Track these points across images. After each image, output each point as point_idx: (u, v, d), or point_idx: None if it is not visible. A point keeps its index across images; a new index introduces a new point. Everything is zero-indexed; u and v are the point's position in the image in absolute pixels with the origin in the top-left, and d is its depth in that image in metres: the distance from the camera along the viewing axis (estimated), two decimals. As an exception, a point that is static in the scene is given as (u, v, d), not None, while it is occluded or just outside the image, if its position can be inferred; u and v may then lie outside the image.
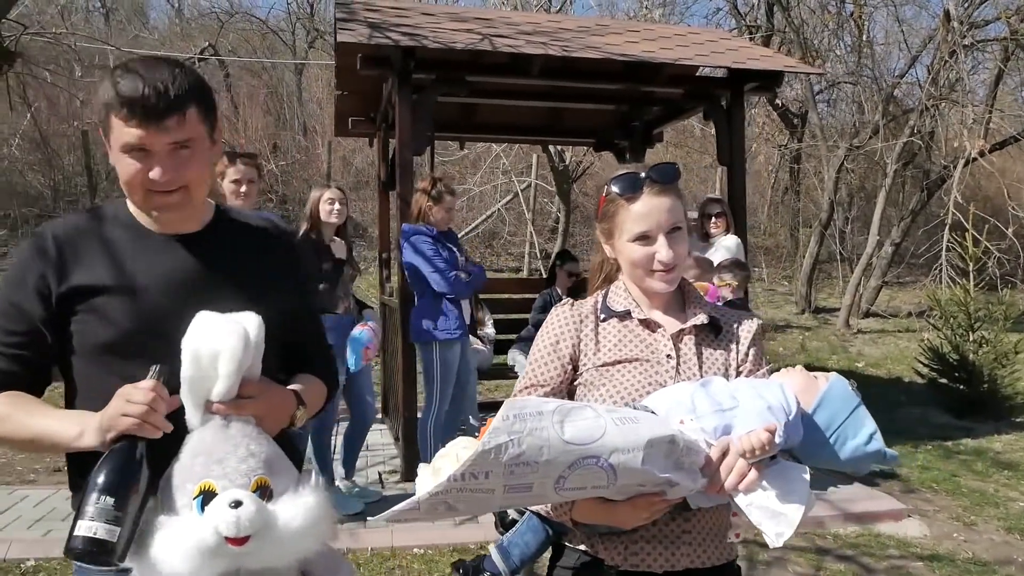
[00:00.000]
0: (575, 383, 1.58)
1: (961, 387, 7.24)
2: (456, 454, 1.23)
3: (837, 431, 1.45)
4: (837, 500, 4.76)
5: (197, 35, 19.98)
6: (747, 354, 1.62)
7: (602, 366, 1.55)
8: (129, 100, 1.34)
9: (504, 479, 1.19)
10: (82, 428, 1.34)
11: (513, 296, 7.39)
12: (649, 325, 1.59)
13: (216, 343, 1.32)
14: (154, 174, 1.39)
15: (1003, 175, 12.45)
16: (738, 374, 1.59)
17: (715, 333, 1.61)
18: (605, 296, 1.64)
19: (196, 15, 22.85)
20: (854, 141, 12.90)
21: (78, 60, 13.85)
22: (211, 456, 1.31)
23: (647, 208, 1.52)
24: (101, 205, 1.62)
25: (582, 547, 1.55)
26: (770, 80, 5.60)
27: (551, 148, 11.02)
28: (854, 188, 15.33)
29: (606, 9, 17.03)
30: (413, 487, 1.28)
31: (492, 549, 1.51)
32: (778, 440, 1.37)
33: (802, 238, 15.41)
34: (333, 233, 4.51)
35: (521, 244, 15.20)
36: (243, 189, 4.05)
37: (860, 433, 1.45)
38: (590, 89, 6.05)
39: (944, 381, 7.42)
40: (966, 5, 11.68)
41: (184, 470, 1.31)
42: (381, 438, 6.14)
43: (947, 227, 9.94)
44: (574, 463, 1.22)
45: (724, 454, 1.37)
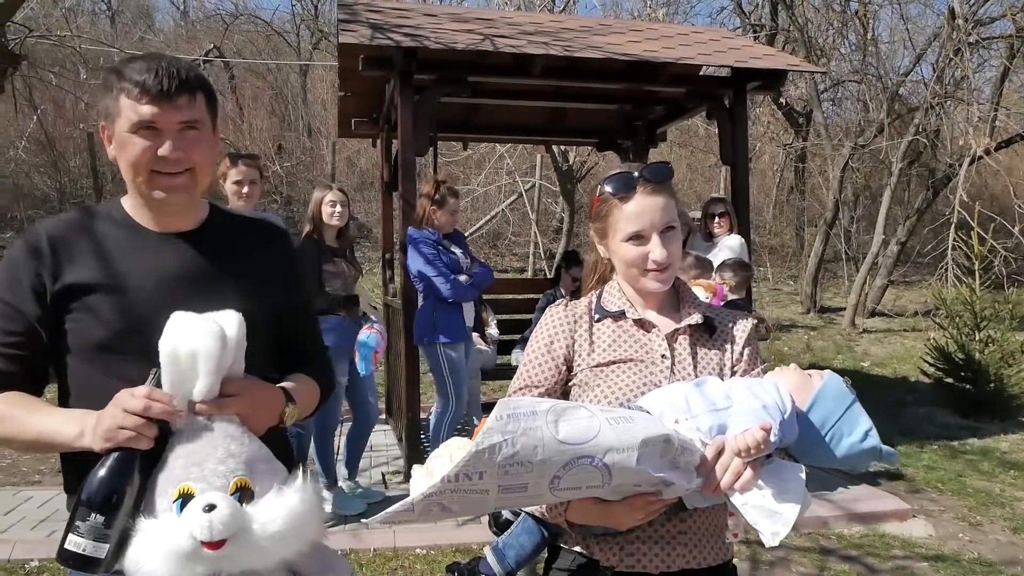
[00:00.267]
0: (569, 384, 1.58)
1: (967, 386, 7.21)
2: (450, 455, 1.22)
3: (832, 429, 1.44)
4: (841, 500, 4.75)
5: (202, 37, 20.06)
6: (742, 353, 1.61)
7: (596, 366, 1.54)
8: (143, 79, 1.39)
9: (498, 479, 1.18)
10: (82, 428, 1.33)
11: (517, 296, 7.39)
12: (644, 325, 1.58)
13: (192, 343, 1.30)
14: (164, 150, 1.41)
15: (1009, 173, 12.39)
16: (733, 374, 1.58)
17: (710, 333, 1.60)
18: (599, 296, 1.64)
19: (201, 17, 22.98)
20: (859, 140, 12.85)
21: (83, 63, 13.89)
22: (191, 458, 1.29)
23: (640, 207, 1.52)
24: (95, 204, 1.63)
25: (577, 548, 1.54)
26: (773, 79, 5.58)
27: (555, 148, 11.00)
28: (859, 187, 15.29)
29: (610, 9, 17.04)
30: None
31: (487, 551, 1.50)
32: (773, 438, 1.36)
33: (807, 237, 15.38)
34: (335, 235, 4.51)
35: (525, 244, 15.19)
36: (245, 190, 4.06)
37: (855, 430, 1.44)
38: (593, 89, 6.04)
39: (950, 380, 7.39)
40: (971, 2, 11.63)
41: (165, 473, 1.30)
42: (384, 439, 6.15)
43: (953, 226, 9.88)
44: (568, 463, 1.21)
45: (719, 453, 1.36)
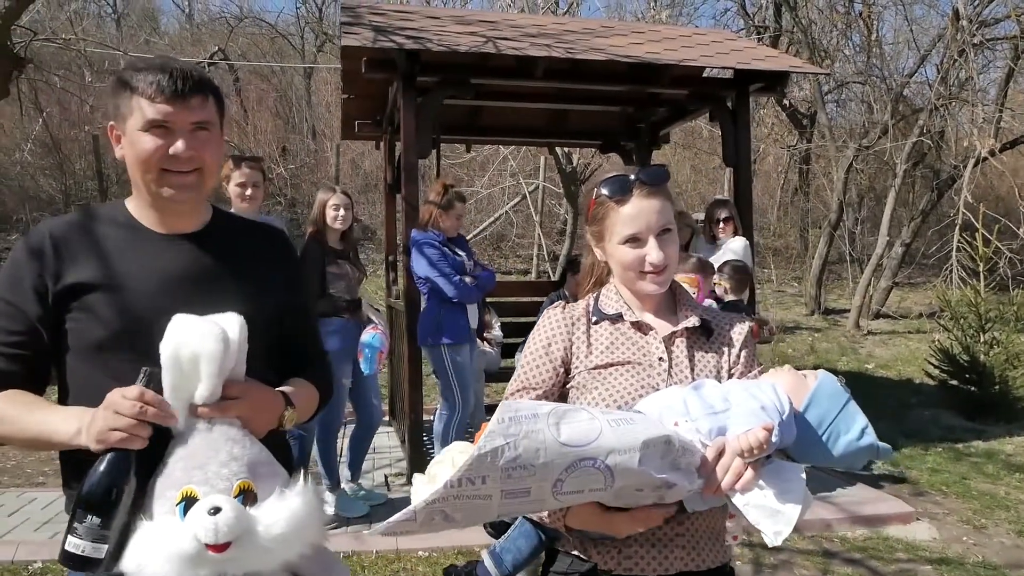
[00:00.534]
0: (567, 386, 1.57)
1: (972, 389, 7.18)
2: (452, 459, 1.22)
3: (829, 428, 1.45)
4: (845, 502, 4.74)
5: (207, 39, 20.09)
6: (739, 356, 1.61)
7: (594, 369, 1.54)
8: (157, 79, 1.41)
9: (501, 484, 1.18)
10: (79, 426, 1.34)
11: (521, 299, 7.38)
12: (641, 328, 1.58)
13: (195, 346, 1.31)
14: (175, 148, 1.43)
15: (1014, 175, 12.33)
16: (730, 376, 1.58)
17: (707, 335, 1.61)
18: (596, 299, 1.64)
19: (206, 20, 23.04)
20: (863, 141, 12.82)
21: (88, 66, 13.94)
22: (193, 461, 1.30)
23: (636, 210, 1.52)
24: (98, 204, 1.64)
25: (575, 552, 1.54)
26: (776, 81, 5.57)
27: (558, 150, 11.01)
28: (864, 188, 15.24)
29: (614, 11, 17.04)
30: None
31: (484, 555, 1.50)
32: (774, 439, 1.36)
33: (811, 239, 15.33)
34: (339, 237, 4.52)
35: (529, 246, 15.19)
36: (248, 192, 4.07)
37: (852, 429, 1.45)
38: (595, 91, 6.04)
39: (955, 383, 7.36)
40: (975, 3, 11.59)
41: (167, 475, 1.30)
42: (388, 441, 6.16)
43: (957, 227, 9.86)
44: (571, 465, 1.21)
45: (720, 454, 1.36)
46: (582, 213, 1.70)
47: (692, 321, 1.59)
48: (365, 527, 4.29)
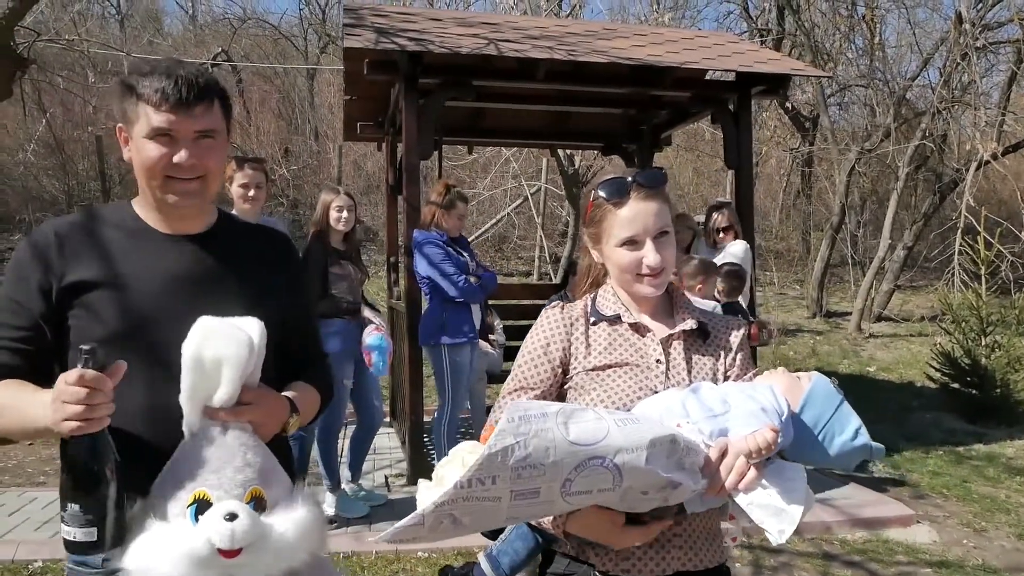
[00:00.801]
0: (565, 387, 1.57)
1: (973, 392, 7.18)
2: (462, 459, 1.21)
3: (824, 428, 1.46)
4: (845, 505, 4.73)
5: (210, 41, 20.12)
6: (735, 359, 1.62)
7: (592, 370, 1.54)
8: (162, 87, 1.41)
9: (511, 484, 1.17)
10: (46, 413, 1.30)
11: (524, 302, 7.36)
12: (638, 329, 1.59)
13: (220, 349, 1.31)
14: (179, 157, 1.43)
15: (1016, 178, 12.30)
16: (726, 378, 1.59)
17: (703, 338, 1.61)
18: (594, 300, 1.64)
19: (209, 21, 23.08)
20: (866, 144, 12.81)
21: (92, 67, 13.98)
22: (207, 464, 1.30)
23: (634, 213, 1.52)
24: (104, 204, 1.65)
25: (572, 553, 1.54)
26: (777, 83, 5.58)
27: (560, 152, 11.01)
28: (866, 191, 15.24)
29: (616, 14, 17.06)
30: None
31: (481, 558, 1.50)
32: (780, 439, 1.37)
33: (814, 242, 15.33)
34: (341, 238, 4.52)
35: (531, 248, 15.19)
36: (251, 193, 4.07)
37: (846, 429, 1.46)
38: (597, 93, 6.05)
39: (956, 386, 7.36)
40: (979, 7, 11.60)
41: (178, 477, 1.31)
42: (389, 442, 6.16)
43: (959, 230, 9.85)
44: (580, 464, 1.21)
45: (722, 455, 1.37)
46: (582, 215, 1.70)
47: (689, 324, 1.59)
48: (365, 528, 4.29)
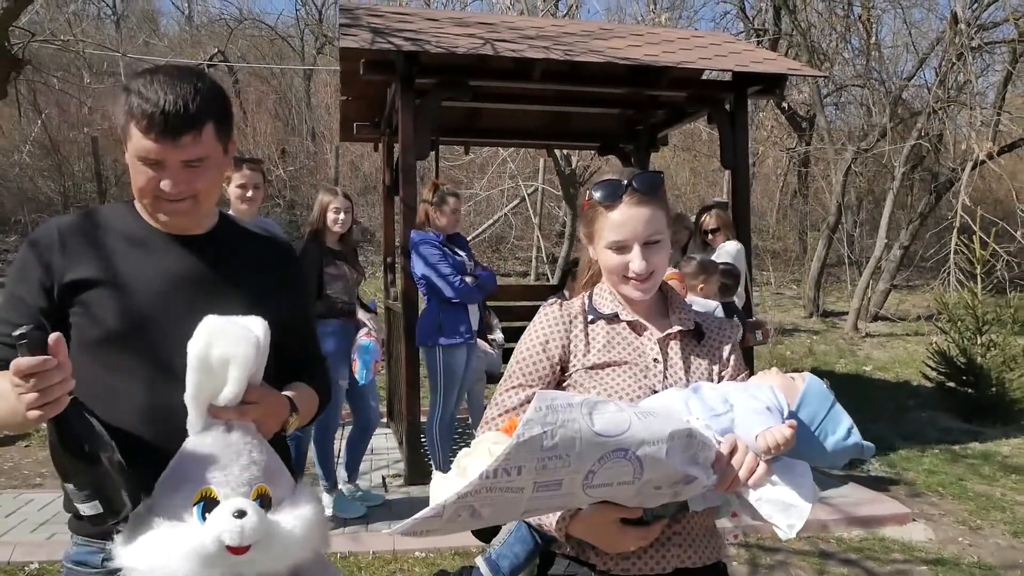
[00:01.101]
0: (564, 384, 1.57)
1: (969, 391, 7.20)
2: (488, 449, 1.20)
3: (819, 428, 1.48)
4: (841, 503, 4.74)
5: (207, 41, 20.09)
6: (728, 360, 1.62)
7: (591, 368, 1.54)
8: (150, 114, 1.37)
9: (535, 475, 1.17)
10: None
11: (523, 303, 7.34)
12: (636, 328, 1.59)
13: (227, 349, 1.32)
14: (165, 185, 1.43)
15: (1012, 177, 12.34)
16: (720, 380, 1.59)
17: (698, 339, 1.62)
18: (590, 297, 1.64)
19: (205, 21, 23.04)
20: (862, 144, 12.83)
21: (88, 67, 13.95)
22: (213, 463, 1.31)
23: (624, 217, 1.52)
24: (107, 204, 1.65)
25: (571, 554, 1.53)
26: (774, 83, 5.59)
27: (557, 152, 11.02)
28: (862, 191, 15.27)
29: (613, 14, 17.07)
30: (416, 491, 1.26)
31: (479, 561, 1.49)
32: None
33: (810, 241, 15.35)
34: (337, 239, 4.52)
35: (528, 248, 15.19)
36: (248, 194, 4.07)
37: (839, 429, 1.48)
38: (594, 93, 6.06)
39: (952, 385, 7.38)
40: (974, 7, 11.62)
41: (183, 475, 1.32)
42: (386, 442, 6.16)
43: (955, 230, 9.87)
44: (604, 456, 1.20)
45: (733, 450, 1.37)
46: (578, 212, 1.70)
47: (687, 324, 1.60)
48: (362, 528, 4.29)
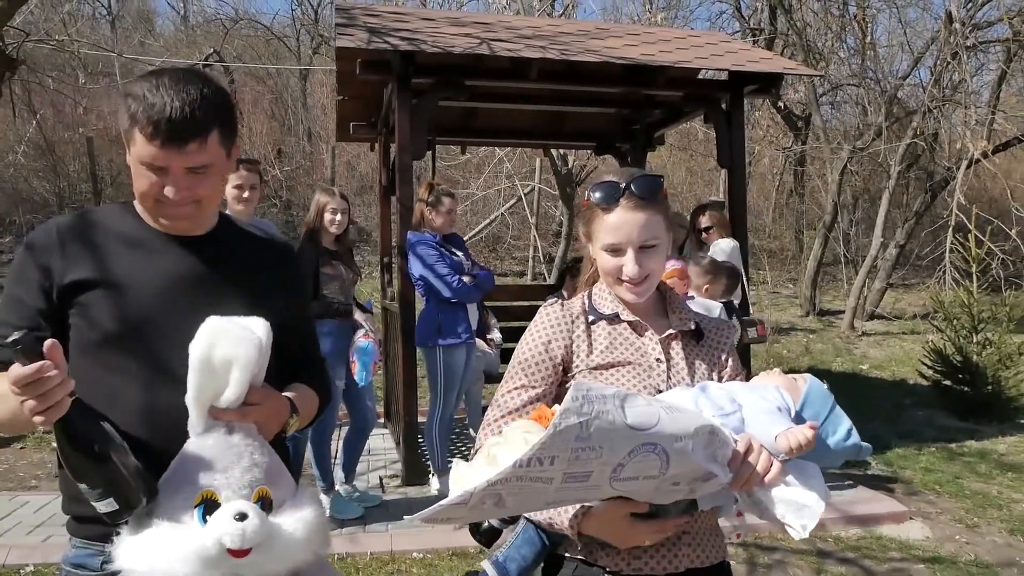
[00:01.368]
0: (566, 385, 1.55)
1: (965, 389, 7.21)
2: (523, 438, 1.18)
3: (821, 428, 1.48)
4: (839, 502, 4.75)
5: (202, 41, 20.06)
6: (727, 360, 1.63)
7: (595, 369, 1.53)
8: (155, 121, 1.36)
9: (567, 466, 1.16)
10: None
11: (522, 303, 7.34)
12: (637, 328, 1.58)
13: (230, 350, 1.32)
14: (168, 191, 1.42)
15: (1007, 176, 12.36)
16: (719, 380, 1.59)
17: (697, 339, 1.62)
18: (590, 297, 1.63)
19: (201, 21, 23.06)
20: (858, 143, 12.86)
21: (83, 67, 13.92)
22: (214, 465, 1.31)
23: (620, 221, 1.51)
24: (106, 204, 1.65)
25: (580, 556, 1.52)
26: (770, 83, 5.59)
27: (554, 152, 11.02)
28: (858, 190, 15.31)
29: (610, 14, 17.08)
30: (413, 492, 1.26)
31: (487, 565, 1.48)
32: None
33: (806, 240, 15.40)
34: (334, 239, 4.51)
35: (525, 248, 15.20)
36: (245, 195, 4.08)
37: (839, 430, 1.49)
38: (590, 92, 6.05)
39: (948, 383, 7.39)
40: (968, 7, 11.66)
41: (184, 477, 1.31)
42: (383, 443, 6.15)
43: (951, 229, 9.90)
44: (634, 449, 1.19)
45: (748, 450, 1.37)
46: (577, 211, 1.70)
47: (687, 324, 1.60)
48: (360, 529, 4.28)
